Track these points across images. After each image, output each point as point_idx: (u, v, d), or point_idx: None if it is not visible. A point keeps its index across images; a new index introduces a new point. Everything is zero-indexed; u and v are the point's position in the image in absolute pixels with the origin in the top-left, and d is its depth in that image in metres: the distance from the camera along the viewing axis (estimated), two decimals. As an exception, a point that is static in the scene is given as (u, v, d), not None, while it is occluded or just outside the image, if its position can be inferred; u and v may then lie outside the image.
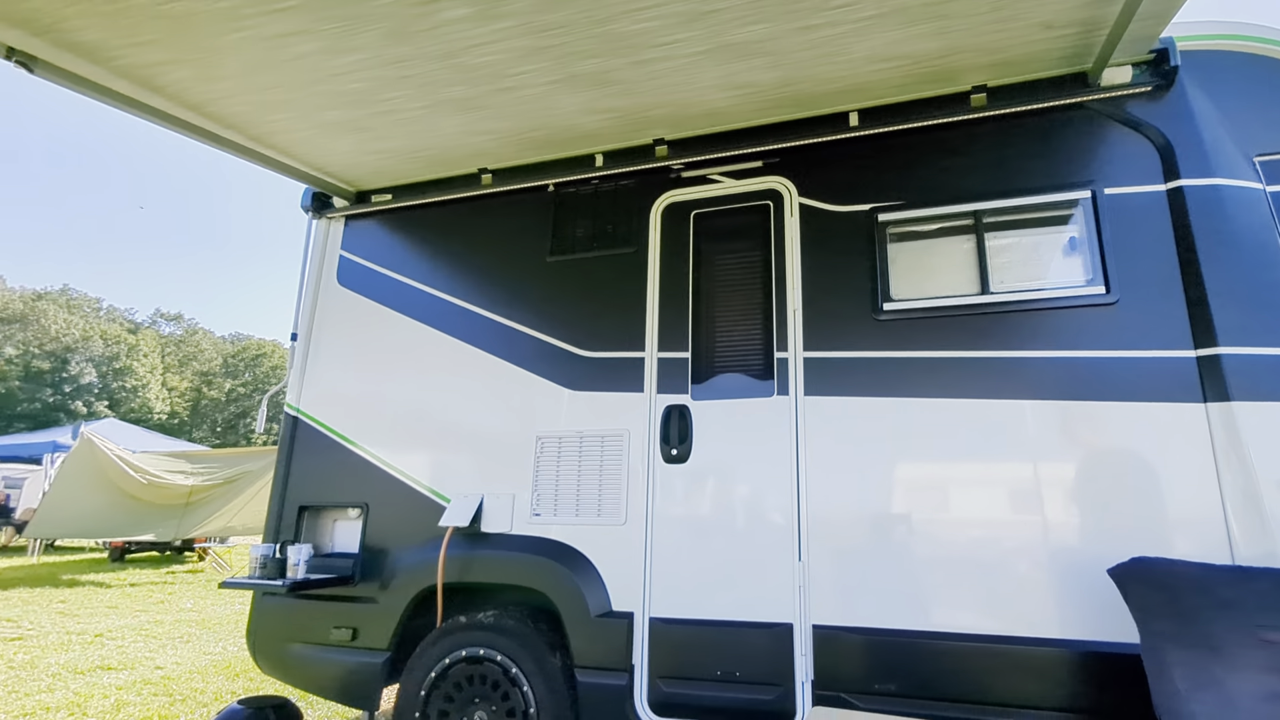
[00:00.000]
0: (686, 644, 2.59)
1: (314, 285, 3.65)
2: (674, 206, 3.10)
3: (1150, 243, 2.43)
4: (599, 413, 2.95)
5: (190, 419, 51.71)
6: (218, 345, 58.61)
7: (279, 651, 3.19)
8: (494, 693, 2.78)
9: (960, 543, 2.40)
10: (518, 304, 3.22)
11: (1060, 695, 2.18)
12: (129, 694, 4.43)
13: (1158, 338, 2.34)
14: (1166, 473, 2.24)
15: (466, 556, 2.94)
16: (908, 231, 2.77)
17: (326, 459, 3.34)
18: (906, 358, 2.59)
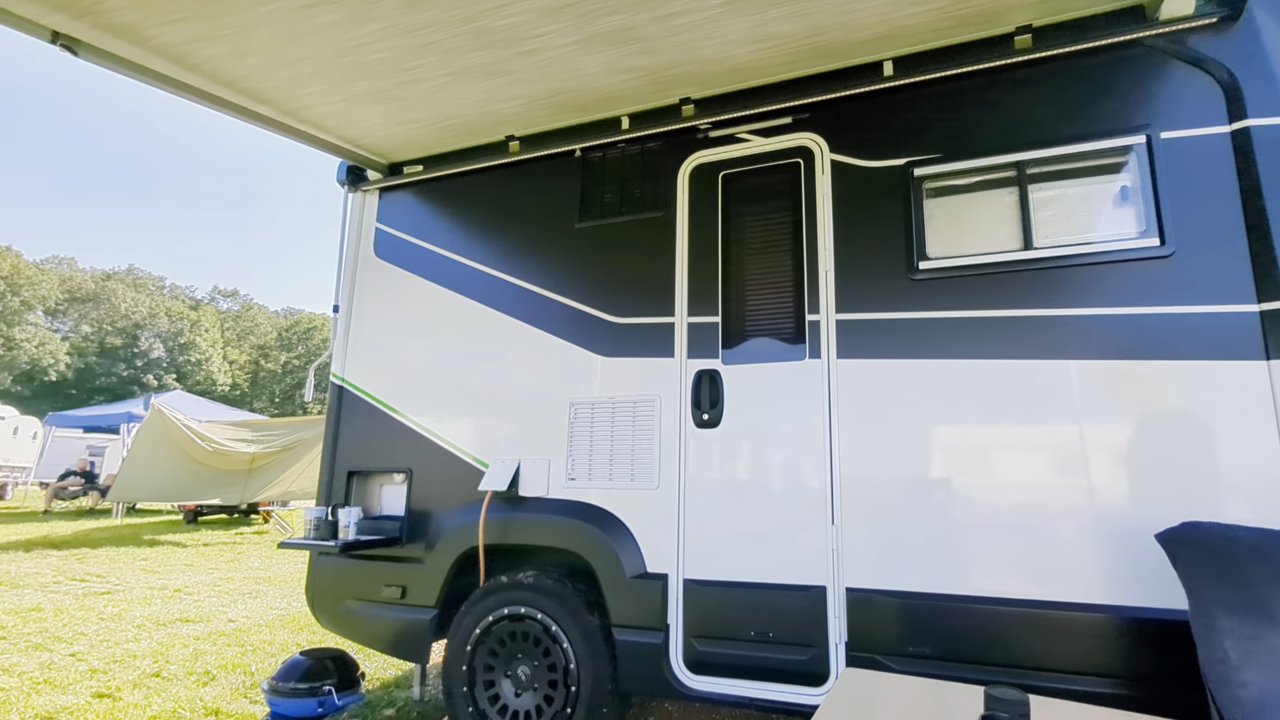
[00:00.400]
0: (720, 605, 2.63)
1: (352, 258, 3.74)
2: (702, 168, 3.04)
3: (1210, 190, 2.25)
4: (630, 379, 2.96)
5: (250, 390, 54.22)
6: (272, 320, 60.98)
7: (335, 607, 3.37)
8: (535, 648, 2.90)
9: (1000, 507, 2.34)
10: (548, 271, 3.24)
11: (1099, 660, 2.13)
12: (205, 644, 4.78)
13: (1217, 292, 2.19)
14: (1222, 434, 2.12)
15: (506, 519, 3.03)
16: (945, 186, 2.64)
17: (371, 426, 3.47)
18: (943, 318, 2.50)
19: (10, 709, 3.47)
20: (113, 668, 4.20)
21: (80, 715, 3.41)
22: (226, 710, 3.53)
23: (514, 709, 2.89)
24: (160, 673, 4.12)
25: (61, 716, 3.40)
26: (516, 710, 2.88)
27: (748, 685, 2.54)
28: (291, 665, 2.90)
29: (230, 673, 4.16)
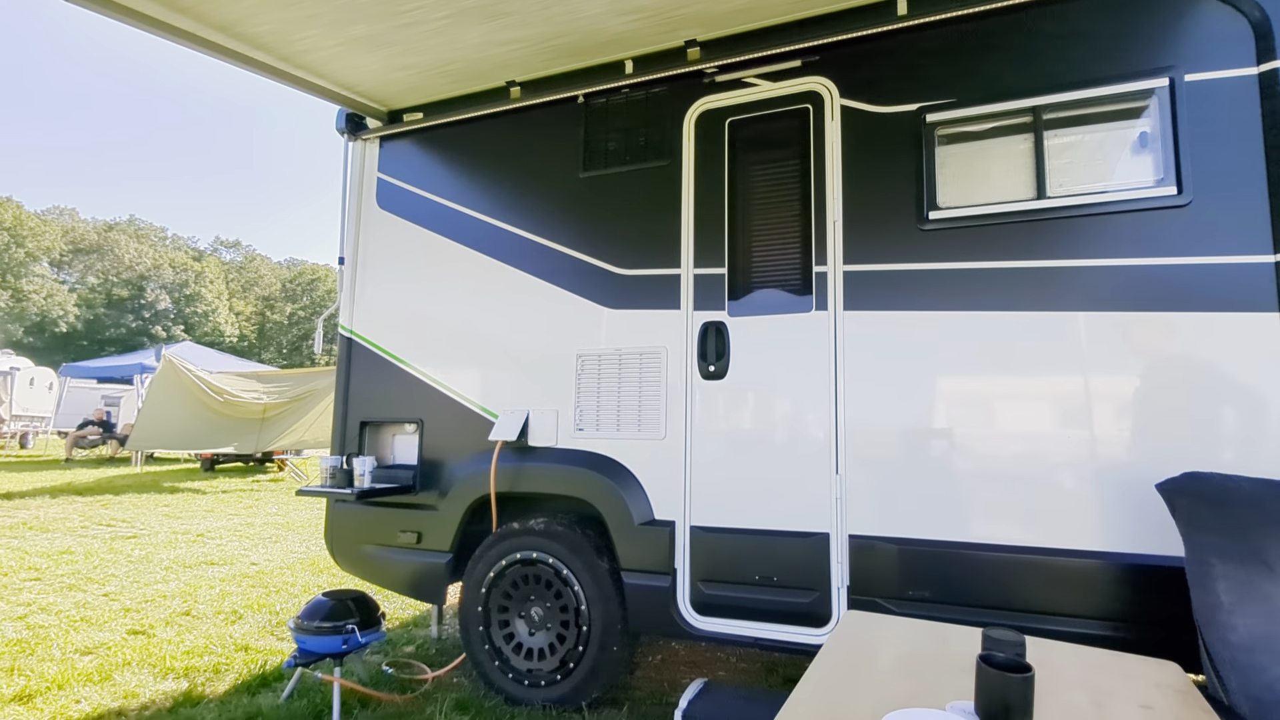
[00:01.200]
0: (726, 551, 2.71)
1: (355, 209, 3.70)
2: (708, 114, 2.96)
3: (1232, 135, 2.18)
4: (636, 331, 2.97)
5: (258, 341, 54.59)
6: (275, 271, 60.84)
7: (354, 552, 3.49)
8: (547, 591, 3.01)
9: (1004, 458, 2.37)
10: (553, 222, 3.21)
11: (1095, 604, 2.20)
12: (230, 585, 4.98)
13: (1232, 242, 2.15)
14: (1230, 387, 2.12)
15: (516, 468, 3.10)
16: (958, 133, 2.57)
17: (381, 378, 3.51)
18: (952, 269, 2.48)
19: (51, 645, 3.66)
20: (144, 607, 4.39)
21: (118, 650, 3.60)
22: (255, 646, 3.72)
23: (528, 647, 3.02)
24: (190, 612, 4.31)
25: (100, 651, 3.59)
26: (531, 648, 3.02)
27: (752, 626, 2.64)
28: (315, 605, 3.02)
29: (256, 612, 4.35)
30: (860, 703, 1.34)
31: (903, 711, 1.20)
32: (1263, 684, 1.57)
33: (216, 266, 55.34)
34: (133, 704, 3.00)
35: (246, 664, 3.46)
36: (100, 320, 46.69)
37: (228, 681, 3.26)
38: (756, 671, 3.45)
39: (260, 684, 3.23)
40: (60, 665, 3.38)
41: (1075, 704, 1.35)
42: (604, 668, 2.85)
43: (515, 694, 2.97)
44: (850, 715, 1.28)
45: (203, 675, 3.32)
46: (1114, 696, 1.39)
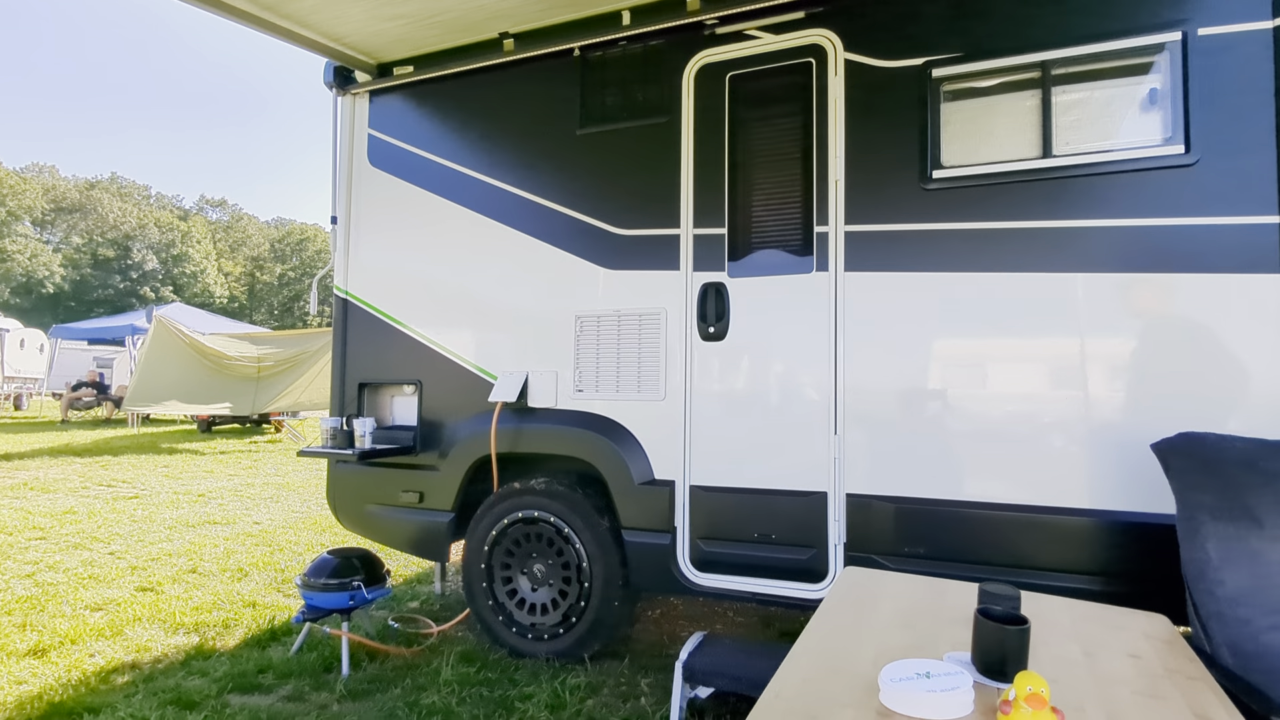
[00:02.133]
0: (725, 509, 2.75)
1: (346, 167, 3.62)
2: (708, 68, 2.88)
3: (1243, 92, 2.14)
4: (635, 292, 2.95)
5: (249, 302, 54.08)
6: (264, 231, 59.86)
7: (357, 511, 3.54)
8: (549, 548, 3.06)
9: (1002, 418, 2.39)
10: (550, 181, 3.15)
11: (1088, 560, 2.26)
12: (234, 544, 5.05)
13: (1237, 202, 2.13)
14: (1229, 348, 2.13)
15: (516, 429, 3.12)
16: (964, 89, 2.51)
17: (378, 339, 3.49)
18: (955, 229, 2.46)
19: (61, 601, 3.72)
20: (151, 565, 4.46)
21: (128, 606, 3.67)
22: (263, 602, 3.79)
23: (531, 602, 3.10)
24: (196, 569, 4.38)
25: (110, 607, 3.66)
26: (534, 604, 3.09)
27: (751, 582, 2.71)
28: (321, 563, 3.07)
29: (262, 570, 4.42)
30: (861, 653, 1.38)
31: (902, 661, 1.24)
32: (1246, 635, 1.63)
33: (203, 226, 54.37)
34: (145, 657, 3.07)
35: (255, 619, 3.54)
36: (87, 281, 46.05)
37: (237, 636, 3.34)
38: (754, 625, 3.56)
39: (270, 638, 3.31)
40: (71, 621, 3.45)
41: (1067, 654, 1.40)
42: (605, 622, 2.93)
43: (519, 647, 3.06)
44: (851, 665, 1.33)
45: (212, 630, 3.40)
46: (1104, 647, 1.45)
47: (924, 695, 1.13)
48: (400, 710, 2.58)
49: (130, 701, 2.65)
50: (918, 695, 1.13)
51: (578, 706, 2.61)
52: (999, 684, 1.22)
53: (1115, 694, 1.24)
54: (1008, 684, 1.15)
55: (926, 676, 1.18)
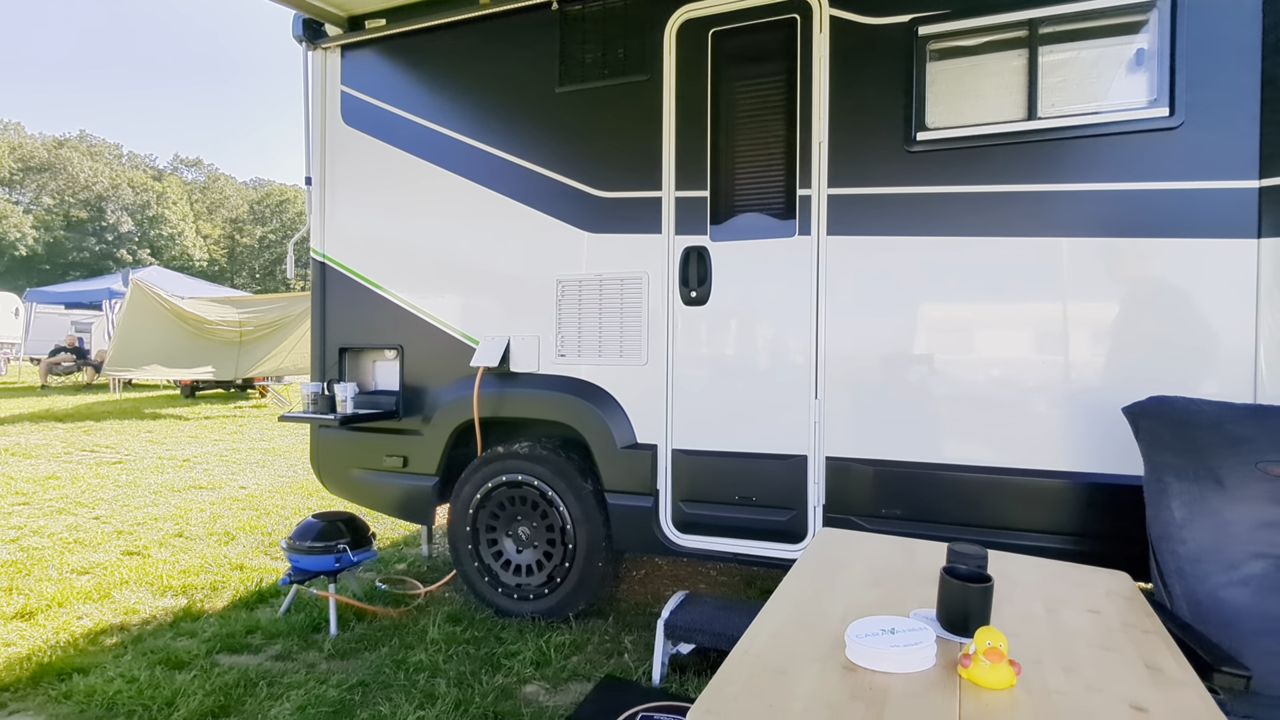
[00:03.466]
0: (707, 472, 2.78)
1: (320, 125, 3.52)
2: (690, 24, 2.80)
3: (1229, 53, 2.11)
4: (617, 255, 2.92)
5: (229, 266, 53.10)
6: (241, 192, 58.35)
7: (341, 475, 3.55)
8: (533, 511, 3.10)
9: (981, 382, 2.42)
10: (530, 142, 3.08)
11: (1056, 519, 2.32)
12: (220, 509, 5.06)
13: (1219, 167, 2.12)
14: (1203, 312, 2.15)
15: (498, 394, 3.12)
16: (950, 47, 2.46)
17: (358, 304, 3.45)
18: (939, 193, 2.44)
19: (48, 565, 3.73)
20: (136, 529, 4.47)
21: (114, 570, 3.68)
22: (250, 565, 3.82)
23: (516, 563, 3.15)
24: (182, 534, 4.40)
25: (97, 571, 3.68)
26: (519, 565, 3.14)
27: (731, 543, 2.76)
28: (306, 526, 3.10)
29: (248, 533, 4.45)
30: (830, 611, 1.42)
31: (869, 618, 1.28)
32: (1205, 591, 1.69)
33: (179, 187, 52.92)
34: (133, 619, 3.10)
35: (242, 581, 3.57)
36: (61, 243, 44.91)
37: (225, 598, 3.37)
38: (736, 584, 3.64)
39: (257, 600, 3.35)
40: (58, 584, 3.46)
41: (1030, 610, 1.45)
42: (589, 582, 2.99)
43: (505, 607, 3.12)
44: (821, 622, 1.37)
45: (200, 592, 3.43)
46: (1066, 603, 1.49)
47: (888, 650, 1.17)
48: (388, 668, 2.64)
49: (119, 662, 2.69)
50: (882, 650, 1.17)
51: (563, 663, 2.68)
52: (961, 639, 1.26)
53: (1072, 647, 1.28)
54: (969, 639, 1.18)
55: (891, 632, 1.21)
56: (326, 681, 2.54)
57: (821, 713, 1.05)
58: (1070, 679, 1.16)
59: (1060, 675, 1.17)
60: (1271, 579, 1.65)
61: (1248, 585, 1.66)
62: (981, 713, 1.05)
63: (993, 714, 1.05)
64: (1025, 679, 1.13)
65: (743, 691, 1.11)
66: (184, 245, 49.08)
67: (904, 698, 1.09)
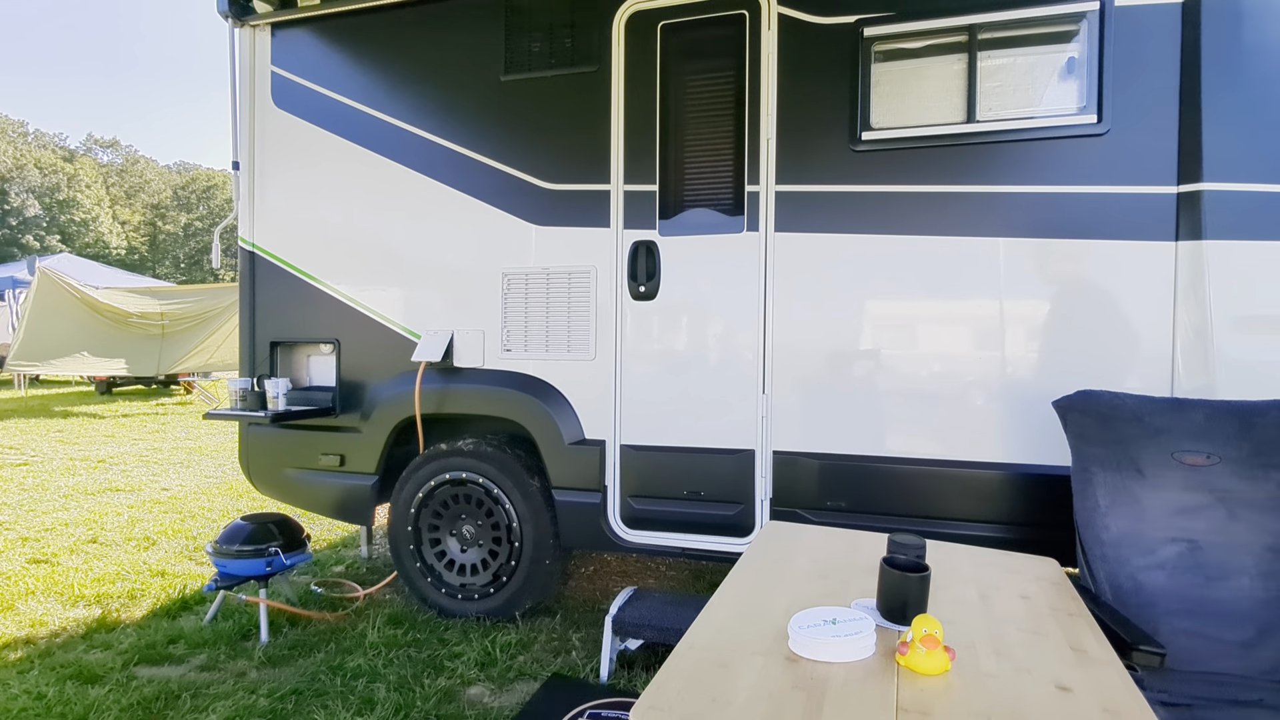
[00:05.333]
0: (655, 468, 2.78)
1: (248, 107, 3.33)
2: (638, 16, 2.77)
3: (1152, 64, 2.24)
4: (564, 249, 2.88)
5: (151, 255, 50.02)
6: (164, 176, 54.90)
7: (273, 476, 3.38)
8: (478, 509, 3.03)
9: (922, 377, 2.49)
10: (474, 131, 2.99)
11: (992, 509, 2.41)
12: (140, 512, 4.76)
13: (1142, 173, 2.25)
14: (1127, 311, 2.28)
15: (442, 390, 3.03)
16: (894, 49, 2.52)
17: (291, 296, 3.29)
18: (882, 192, 2.50)
19: (-61, 580, 3.43)
20: (45, 535, 4.16)
21: (18, 580, 3.42)
22: (172, 571, 3.61)
23: (460, 563, 3.07)
24: (97, 539, 4.12)
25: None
26: (464, 564, 3.07)
27: (679, 537, 2.76)
28: (234, 529, 2.94)
29: (171, 538, 4.20)
30: (775, 603, 1.43)
31: (812, 609, 1.29)
32: (1125, 574, 1.79)
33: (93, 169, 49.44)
34: (41, 632, 2.88)
35: (164, 589, 3.37)
36: (-43, 227, 41.39)
37: (144, 607, 3.17)
38: (684, 579, 3.66)
39: (180, 608, 3.16)
40: (-49, 600, 3.18)
41: (965, 597, 1.50)
42: (536, 580, 2.94)
43: (449, 607, 3.04)
44: (765, 615, 1.38)
45: (116, 601, 3.21)
46: (999, 589, 1.55)
47: (829, 640, 1.19)
48: (323, 674, 2.53)
49: (25, 677, 2.49)
50: (823, 640, 1.19)
51: (508, 662, 2.63)
52: (900, 627, 1.29)
53: (1004, 632, 1.33)
54: (907, 627, 1.21)
55: (833, 623, 1.23)
56: (257, 691, 2.42)
57: (763, 704, 1.06)
58: (1001, 662, 1.20)
59: (992, 659, 1.21)
60: (1184, 561, 1.77)
61: (1163, 568, 1.77)
62: (917, 698, 1.08)
63: (928, 699, 1.08)
64: (959, 664, 1.17)
65: (686, 686, 1.11)
66: (99, 232, 45.94)
67: (844, 686, 1.11)
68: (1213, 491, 1.80)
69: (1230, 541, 1.75)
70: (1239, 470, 1.80)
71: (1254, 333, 2.14)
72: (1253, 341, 2.14)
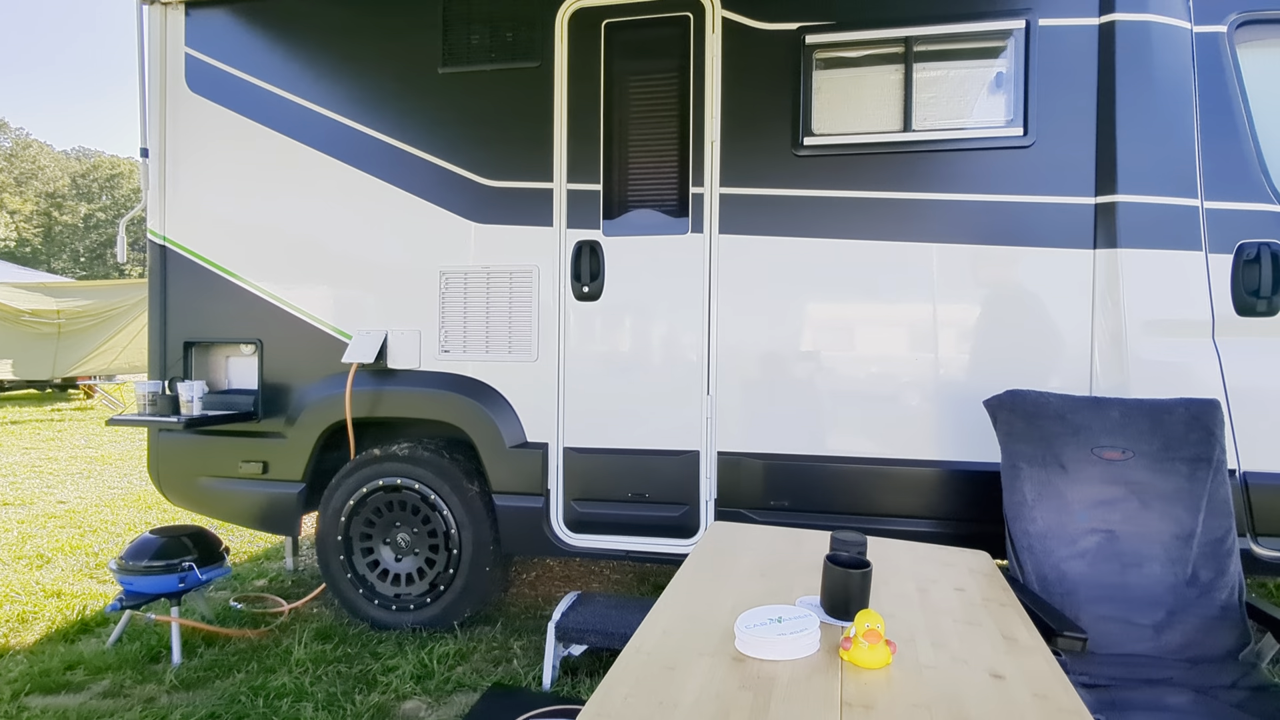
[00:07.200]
0: (599, 470, 2.74)
1: (160, 91, 3.09)
2: (582, 14, 2.74)
3: (1073, 82, 2.38)
4: (506, 247, 2.81)
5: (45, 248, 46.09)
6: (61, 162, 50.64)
7: (187, 485, 3.16)
8: (414, 516, 2.92)
9: (861, 378, 2.56)
10: (410, 124, 2.88)
11: (929, 505, 2.51)
12: (32, 527, 4.36)
13: (1064, 184, 2.38)
14: (1051, 315, 2.41)
15: (375, 392, 2.91)
16: (835, 58, 2.58)
17: (207, 292, 3.08)
18: (824, 196, 2.55)
19: None
20: (-84, 559, 3.74)
21: (-118, 612, 3.05)
22: (70, 591, 3.31)
23: (395, 573, 2.95)
24: (-21, 561, 3.74)
25: None
26: (398, 574, 2.94)
27: (624, 540, 2.74)
28: (142, 544, 2.72)
29: (69, 554, 3.86)
30: (720, 603, 1.43)
31: (757, 609, 1.30)
32: (1050, 564, 1.89)
33: (-25, 152, 45.19)
34: (-90, 667, 2.58)
35: (60, 611, 3.09)
36: None
37: (38, 630, 2.90)
38: (629, 582, 3.64)
39: (80, 630, 2.91)
40: None
41: (905, 591, 1.54)
42: (476, 588, 2.86)
43: (383, 619, 2.91)
44: (711, 615, 1.37)
45: (5, 626, 2.92)
46: (936, 583, 1.60)
47: (775, 638, 1.20)
48: (244, 695, 2.37)
49: (-110, 720, 2.23)
50: (769, 639, 1.20)
51: (446, 674, 2.54)
52: (843, 623, 1.30)
53: (941, 624, 1.37)
54: (850, 622, 1.23)
55: (778, 621, 1.24)
56: (168, 717, 2.25)
57: (710, 705, 1.05)
58: (939, 653, 1.24)
59: (931, 651, 1.25)
60: (1103, 551, 1.88)
61: (1084, 558, 1.88)
62: (861, 692, 1.10)
63: (871, 692, 1.10)
64: (900, 657, 1.20)
65: (633, 690, 1.10)
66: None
67: (790, 684, 1.12)
68: (1127, 484, 1.93)
69: (1143, 531, 1.88)
70: (1150, 464, 1.94)
71: (1162, 335, 2.31)
72: (1161, 343, 2.31)
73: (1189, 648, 1.76)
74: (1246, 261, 2.25)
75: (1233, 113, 2.30)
